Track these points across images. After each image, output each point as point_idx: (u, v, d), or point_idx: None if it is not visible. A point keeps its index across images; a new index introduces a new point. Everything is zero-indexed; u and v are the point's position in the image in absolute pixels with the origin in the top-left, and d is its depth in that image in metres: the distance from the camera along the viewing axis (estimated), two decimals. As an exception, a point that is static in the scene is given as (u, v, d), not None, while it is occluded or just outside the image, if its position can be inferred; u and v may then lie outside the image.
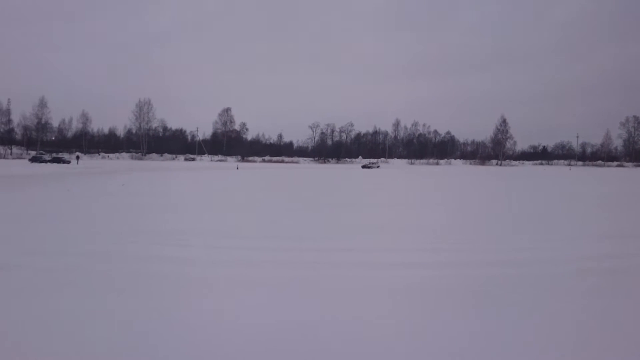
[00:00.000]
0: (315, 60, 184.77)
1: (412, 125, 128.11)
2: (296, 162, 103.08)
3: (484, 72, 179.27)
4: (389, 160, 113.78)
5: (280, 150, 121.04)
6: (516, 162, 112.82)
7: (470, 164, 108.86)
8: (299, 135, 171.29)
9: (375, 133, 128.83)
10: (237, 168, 55.64)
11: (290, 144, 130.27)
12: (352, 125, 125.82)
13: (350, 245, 7.73)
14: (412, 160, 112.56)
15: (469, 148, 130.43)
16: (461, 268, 6.08)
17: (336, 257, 6.72)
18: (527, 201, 17.80)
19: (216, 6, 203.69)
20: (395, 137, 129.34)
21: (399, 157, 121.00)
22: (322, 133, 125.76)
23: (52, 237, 7.99)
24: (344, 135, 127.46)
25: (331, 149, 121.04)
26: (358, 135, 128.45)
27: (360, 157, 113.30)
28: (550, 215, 12.62)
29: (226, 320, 4.11)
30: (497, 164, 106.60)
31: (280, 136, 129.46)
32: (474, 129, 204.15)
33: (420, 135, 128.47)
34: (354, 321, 4.11)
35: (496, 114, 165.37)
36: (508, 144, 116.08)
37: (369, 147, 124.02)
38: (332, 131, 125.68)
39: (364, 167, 72.61)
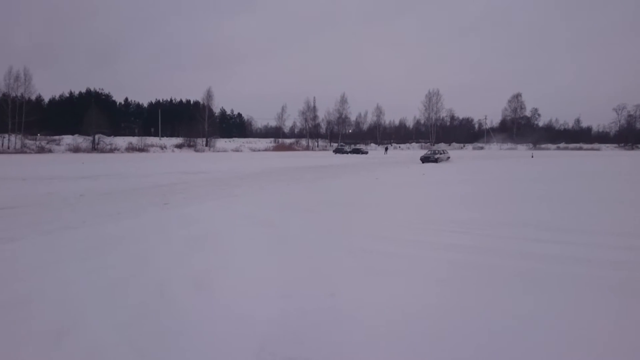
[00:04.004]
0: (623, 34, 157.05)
1: None
2: (596, 149, 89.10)
3: None
4: None
5: (576, 136, 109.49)
6: None
7: None
8: (600, 120, 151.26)
9: None
10: (532, 156, 51.00)
11: (588, 129, 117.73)
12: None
13: None
14: None
15: None
16: None
17: None
18: None
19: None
20: None
21: None
22: (630, 116, 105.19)
23: (348, 226, 8.14)
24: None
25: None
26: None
27: None
28: None
29: None
30: None
31: (577, 121, 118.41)
32: None
33: None
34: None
35: None
36: None
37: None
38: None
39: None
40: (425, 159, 39.59)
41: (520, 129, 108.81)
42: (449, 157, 43.72)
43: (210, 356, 3.35)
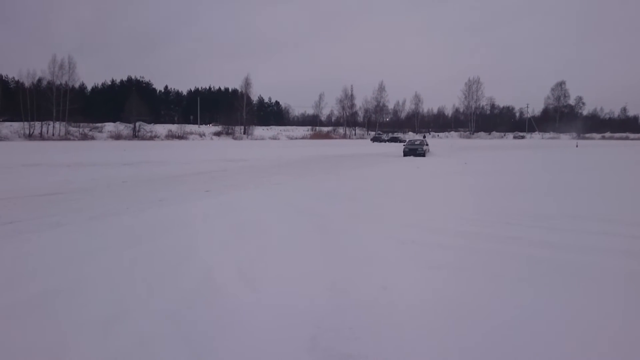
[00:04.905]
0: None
1: None
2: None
3: None
4: None
5: (623, 125, 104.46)
6: None
7: None
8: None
9: None
10: (577, 146, 49.29)
11: (635, 118, 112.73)
12: None
13: None
14: None
15: None
16: None
17: None
18: None
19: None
20: None
21: None
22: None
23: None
24: None
25: None
26: None
27: None
28: None
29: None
30: None
31: (623, 110, 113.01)
32: None
33: None
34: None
35: None
36: None
37: None
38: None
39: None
40: (410, 152, 30.10)
41: (563, 117, 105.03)
42: (428, 150, 32.54)
43: (259, 351, 3.19)
